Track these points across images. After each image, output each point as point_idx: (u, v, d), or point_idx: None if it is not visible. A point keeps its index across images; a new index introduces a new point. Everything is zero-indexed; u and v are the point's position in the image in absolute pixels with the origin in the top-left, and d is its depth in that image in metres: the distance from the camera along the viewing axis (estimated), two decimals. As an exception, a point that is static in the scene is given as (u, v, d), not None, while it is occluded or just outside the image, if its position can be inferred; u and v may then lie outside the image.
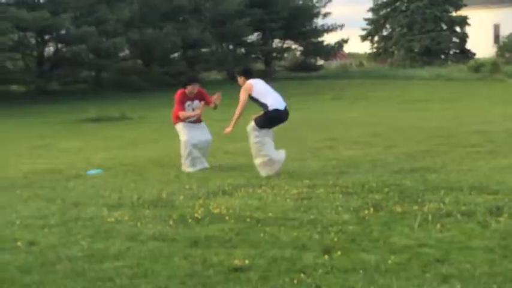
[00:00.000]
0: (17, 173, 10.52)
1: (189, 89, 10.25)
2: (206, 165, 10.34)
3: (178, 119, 10.37)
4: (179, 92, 10.28)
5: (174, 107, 10.44)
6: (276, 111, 9.32)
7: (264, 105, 9.36)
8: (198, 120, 10.42)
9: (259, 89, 9.48)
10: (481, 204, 6.83)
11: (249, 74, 9.63)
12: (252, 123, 9.42)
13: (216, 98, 10.35)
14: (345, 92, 31.39)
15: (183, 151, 10.28)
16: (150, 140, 15.56)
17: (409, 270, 4.89)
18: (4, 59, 35.43)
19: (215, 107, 10.41)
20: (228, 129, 9.59)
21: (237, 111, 9.41)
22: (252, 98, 9.42)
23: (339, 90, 32.17)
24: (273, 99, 9.39)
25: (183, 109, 10.25)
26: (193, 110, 10.32)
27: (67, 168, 10.90)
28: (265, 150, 9.32)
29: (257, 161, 9.43)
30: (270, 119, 9.34)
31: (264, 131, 9.36)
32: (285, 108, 9.47)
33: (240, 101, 9.42)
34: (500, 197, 7.20)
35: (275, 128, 9.63)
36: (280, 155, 9.45)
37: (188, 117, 10.22)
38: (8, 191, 8.80)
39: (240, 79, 9.62)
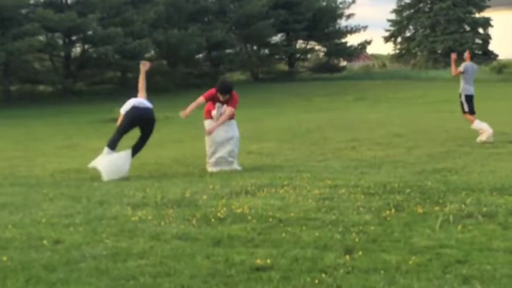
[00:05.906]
0: (44, 172, 10.65)
1: (218, 96, 10.25)
2: (235, 166, 10.20)
3: (209, 114, 10.36)
4: (212, 91, 10.24)
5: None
6: (134, 108, 10.03)
7: None
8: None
9: None
10: (502, 205, 6.79)
11: None
12: None
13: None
14: (367, 93, 31.30)
15: (208, 149, 10.31)
16: (175, 140, 15.66)
17: (430, 271, 4.89)
18: (32, 60, 35.96)
19: None
20: None
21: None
22: None
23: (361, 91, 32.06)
24: (136, 99, 10.18)
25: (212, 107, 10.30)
26: (221, 114, 10.30)
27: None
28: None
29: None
30: (128, 116, 10.00)
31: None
32: (146, 108, 10.06)
33: None
34: (522, 198, 7.15)
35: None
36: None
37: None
38: (34, 189, 8.86)
39: None
